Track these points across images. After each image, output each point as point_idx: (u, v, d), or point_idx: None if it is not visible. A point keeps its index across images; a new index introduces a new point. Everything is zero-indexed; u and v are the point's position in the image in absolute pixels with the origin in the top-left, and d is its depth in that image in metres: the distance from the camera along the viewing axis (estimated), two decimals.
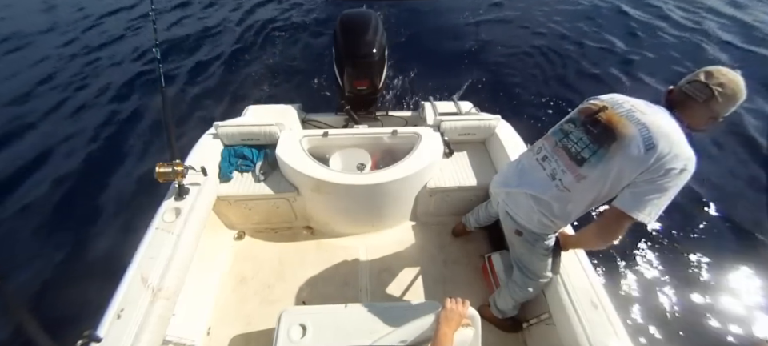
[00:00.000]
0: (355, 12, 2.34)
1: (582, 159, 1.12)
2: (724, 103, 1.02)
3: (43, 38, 5.45)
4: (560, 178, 1.17)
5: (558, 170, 1.19)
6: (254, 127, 2.03)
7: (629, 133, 1.04)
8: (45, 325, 0.89)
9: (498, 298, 1.66)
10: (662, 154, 0.99)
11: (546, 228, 1.28)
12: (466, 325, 1.11)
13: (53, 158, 3.35)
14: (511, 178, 1.38)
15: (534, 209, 1.25)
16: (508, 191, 1.37)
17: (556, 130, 1.29)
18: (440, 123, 2.10)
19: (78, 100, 4.14)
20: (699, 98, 1.04)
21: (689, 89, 1.07)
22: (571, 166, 1.14)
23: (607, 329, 1.27)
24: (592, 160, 1.09)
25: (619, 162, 1.04)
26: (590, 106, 1.19)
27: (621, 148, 1.04)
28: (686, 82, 1.09)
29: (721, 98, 1.01)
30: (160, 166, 1.54)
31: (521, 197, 1.30)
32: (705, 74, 1.05)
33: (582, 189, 1.13)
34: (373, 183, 1.77)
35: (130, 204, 2.89)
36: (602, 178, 1.08)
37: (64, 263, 2.49)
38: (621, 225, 1.07)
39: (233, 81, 4.52)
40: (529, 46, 5.28)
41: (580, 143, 1.15)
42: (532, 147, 1.39)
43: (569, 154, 1.17)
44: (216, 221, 2.02)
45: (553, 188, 1.19)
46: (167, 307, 1.34)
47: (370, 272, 1.98)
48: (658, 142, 0.99)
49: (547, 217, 1.23)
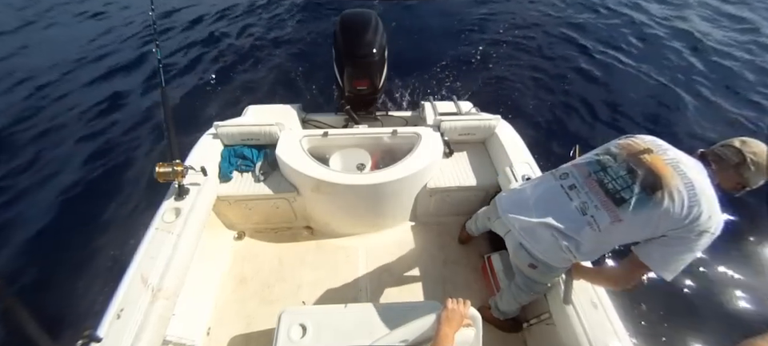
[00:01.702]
0: (355, 12, 2.34)
1: (620, 199, 1.06)
2: (755, 172, 1.03)
3: (43, 38, 5.46)
4: (593, 215, 1.10)
5: (590, 205, 1.12)
6: (254, 127, 2.03)
7: (676, 186, 1.00)
8: (45, 325, 0.89)
9: (500, 301, 1.66)
10: (700, 214, 0.98)
11: (566, 262, 1.22)
12: (467, 325, 1.11)
13: (52, 159, 3.35)
14: (528, 207, 1.25)
15: (558, 245, 1.16)
16: (525, 224, 1.24)
17: (591, 160, 1.21)
18: (440, 123, 2.10)
19: (78, 100, 4.14)
20: (731, 161, 1.05)
21: (721, 151, 1.08)
22: (607, 205, 1.08)
23: (607, 329, 1.27)
24: (632, 202, 1.04)
25: (661, 213, 1.01)
26: (633, 145, 1.14)
27: (666, 198, 1.00)
28: (720, 145, 1.10)
29: (752, 166, 1.02)
30: (160, 167, 1.54)
31: (542, 230, 1.19)
32: (740, 141, 1.07)
33: (616, 232, 1.08)
34: (373, 183, 1.77)
35: (130, 204, 2.89)
36: (642, 225, 1.04)
37: (64, 263, 2.49)
38: (641, 275, 1.07)
39: (233, 81, 4.51)
40: (529, 46, 5.28)
41: (620, 181, 1.09)
42: (553, 172, 1.30)
43: (604, 189, 1.10)
44: (216, 221, 2.02)
45: (585, 227, 1.11)
46: (167, 307, 1.34)
47: (370, 272, 1.98)
48: (700, 201, 0.98)
49: (572, 253, 1.16)
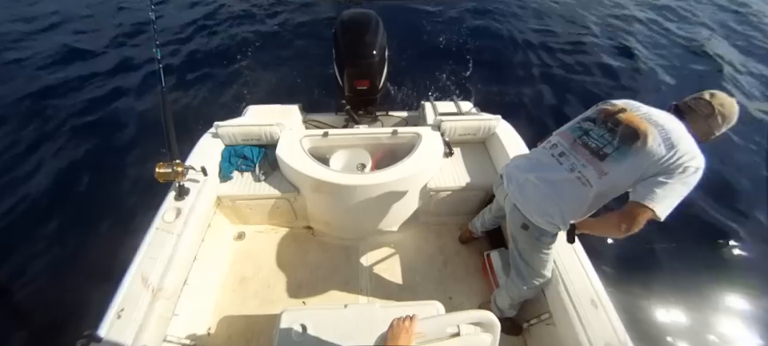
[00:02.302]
0: (355, 12, 2.34)
1: (604, 155, 1.17)
2: (721, 123, 1.15)
3: (43, 38, 5.45)
4: (581, 171, 1.21)
5: (578, 164, 1.23)
6: (254, 127, 2.03)
7: (652, 132, 1.11)
8: (45, 325, 0.90)
9: (498, 296, 1.67)
10: (682, 153, 1.07)
11: (552, 226, 1.29)
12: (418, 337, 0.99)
13: (52, 159, 3.35)
14: (523, 167, 1.39)
15: (547, 199, 1.26)
16: (519, 182, 1.37)
17: (573, 127, 1.33)
18: (440, 123, 2.10)
19: (78, 100, 4.14)
20: (702, 112, 1.16)
21: (693, 103, 1.19)
22: (593, 161, 1.19)
23: (607, 329, 1.27)
24: (615, 156, 1.15)
25: (643, 157, 1.10)
26: (609, 108, 1.26)
27: (644, 145, 1.10)
28: (691, 98, 1.21)
29: (720, 117, 1.14)
30: (160, 167, 1.54)
31: (533, 188, 1.31)
32: (709, 94, 1.18)
33: (602, 185, 1.17)
34: (373, 183, 1.77)
35: (130, 204, 2.88)
36: (628, 173, 1.14)
37: (64, 263, 2.49)
38: (639, 216, 1.11)
39: (233, 81, 4.51)
40: (530, 47, 5.28)
41: (602, 140, 1.20)
42: (544, 145, 1.39)
43: (589, 149, 1.22)
44: (216, 221, 2.02)
45: (574, 179, 1.22)
46: (167, 307, 1.34)
47: (370, 272, 1.98)
48: (678, 142, 1.08)
49: (559, 207, 1.24)
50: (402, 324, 0.98)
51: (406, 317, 0.99)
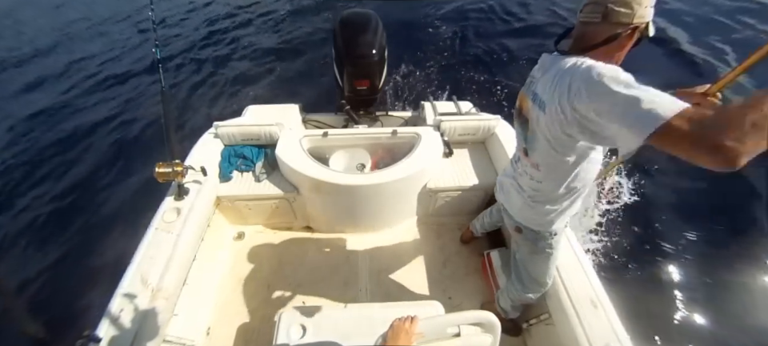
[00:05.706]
0: (355, 12, 2.34)
1: (526, 150, 1.15)
2: (626, 7, 0.87)
3: (43, 37, 5.45)
4: (524, 169, 1.22)
5: (521, 166, 1.24)
6: (254, 127, 2.03)
7: (530, 106, 1.06)
8: (45, 325, 0.89)
9: (501, 296, 1.67)
10: (579, 73, 0.83)
11: (538, 224, 1.26)
12: (417, 338, 0.98)
13: (52, 158, 3.35)
14: (508, 172, 1.40)
15: (522, 200, 1.27)
16: (503, 185, 1.39)
17: (518, 134, 1.32)
18: (440, 123, 2.10)
19: (78, 101, 4.14)
20: (596, 18, 0.91)
21: (583, 16, 0.96)
22: (526, 159, 1.18)
23: (607, 329, 1.27)
24: (531, 145, 1.11)
25: (542, 133, 1.01)
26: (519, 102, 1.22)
27: (537, 125, 1.02)
28: (579, 12, 0.97)
29: (617, 5, 0.87)
30: (160, 166, 1.54)
31: (512, 189, 1.32)
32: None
33: (541, 174, 1.15)
34: (373, 183, 1.77)
35: (129, 204, 2.89)
36: (544, 153, 1.06)
37: (64, 264, 2.49)
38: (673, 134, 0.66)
39: (233, 81, 4.52)
40: (530, 46, 5.28)
41: (521, 138, 1.19)
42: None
43: (523, 151, 1.20)
44: (216, 221, 2.02)
45: (526, 178, 1.22)
46: (167, 307, 1.34)
47: (370, 272, 1.98)
48: (564, 75, 0.89)
49: (532, 206, 1.23)
50: (402, 324, 0.98)
51: (406, 317, 0.99)
